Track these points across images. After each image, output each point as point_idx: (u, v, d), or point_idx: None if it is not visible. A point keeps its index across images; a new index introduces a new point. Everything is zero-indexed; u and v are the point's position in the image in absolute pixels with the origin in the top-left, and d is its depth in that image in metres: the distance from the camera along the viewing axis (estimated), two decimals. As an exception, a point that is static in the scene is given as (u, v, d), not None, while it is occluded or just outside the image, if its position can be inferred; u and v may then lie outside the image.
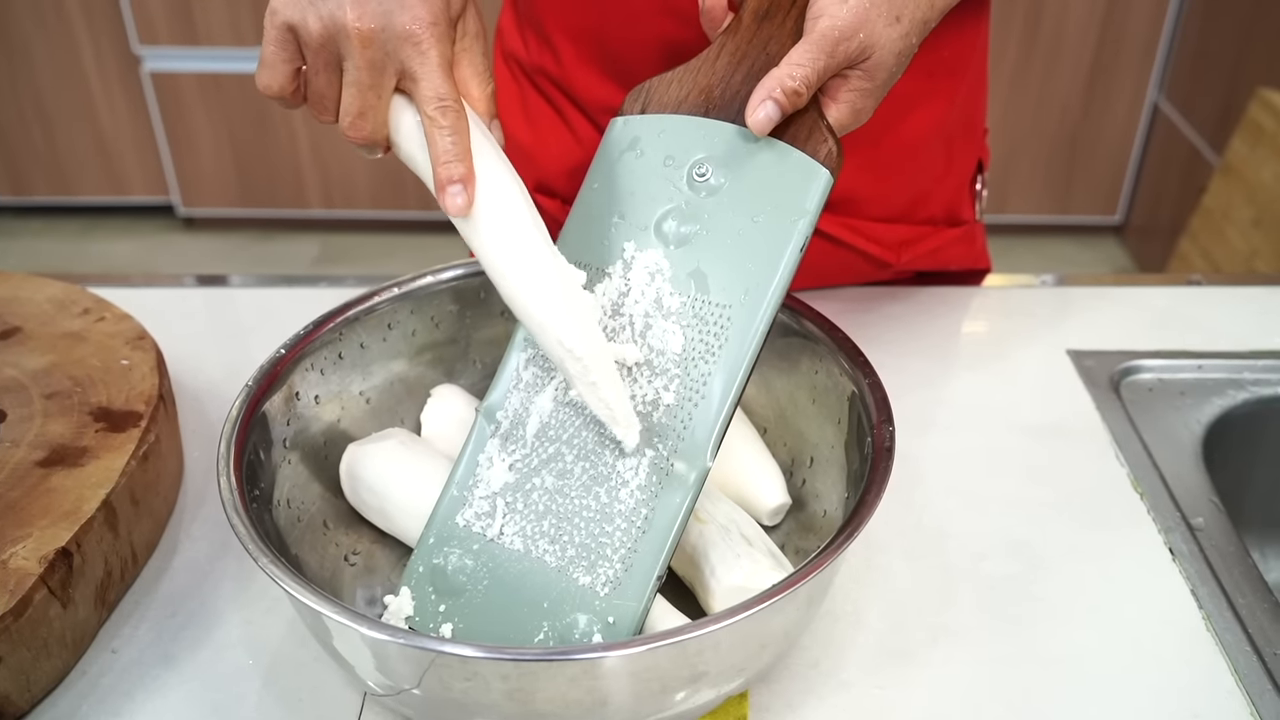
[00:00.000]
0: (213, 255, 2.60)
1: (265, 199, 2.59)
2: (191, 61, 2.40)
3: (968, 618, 0.62)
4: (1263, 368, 0.81)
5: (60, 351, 0.70)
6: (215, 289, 0.93)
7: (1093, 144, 2.48)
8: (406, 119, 0.56)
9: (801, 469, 0.67)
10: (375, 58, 0.53)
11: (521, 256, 0.54)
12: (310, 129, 2.48)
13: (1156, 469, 0.72)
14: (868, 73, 0.56)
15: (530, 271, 0.54)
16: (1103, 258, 2.58)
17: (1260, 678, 0.58)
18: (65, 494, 0.60)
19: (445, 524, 0.59)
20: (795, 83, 0.53)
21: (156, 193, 2.61)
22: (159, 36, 2.37)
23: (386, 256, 2.59)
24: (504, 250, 0.54)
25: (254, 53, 2.37)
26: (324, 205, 2.60)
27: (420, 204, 2.60)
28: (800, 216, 0.55)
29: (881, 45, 0.55)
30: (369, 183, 2.56)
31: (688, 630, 0.47)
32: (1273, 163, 1.80)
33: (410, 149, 0.56)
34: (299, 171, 2.54)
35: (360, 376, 0.68)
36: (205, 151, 2.52)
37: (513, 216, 0.54)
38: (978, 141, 0.86)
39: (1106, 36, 2.36)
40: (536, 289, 0.54)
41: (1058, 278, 0.93)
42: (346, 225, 2.67)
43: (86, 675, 0.59)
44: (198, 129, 2.49)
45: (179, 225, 2.69)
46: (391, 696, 0.53)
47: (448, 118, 0.54)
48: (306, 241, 2.65)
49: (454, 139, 0.54)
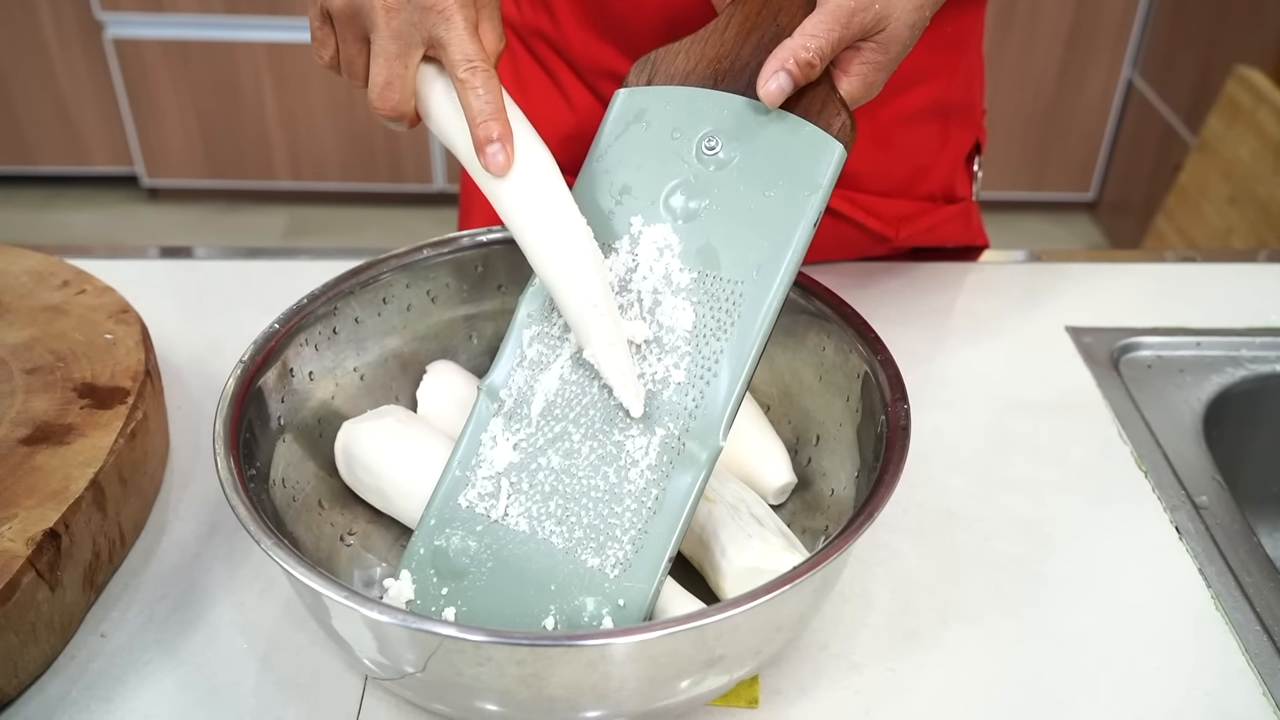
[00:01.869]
0: (178, 227, 2.55)
1: (232, 170, 2.54)
2: (156, 28, 2.34)
3: (977, 598, 0.61)
4: (1260, 345, 0.81)
5: (40, 325, 0.68)
6: (195, 261, 0.90)
7: (1067, 121, 2.48)
8: (436, 88, 0.55)
9: (807, 447, 0.66)
10: (400, 28, 0.52)
11: (555, 215, 0.53)
12: (279, 98, 2.43)
13: (1159, 447, 0.72)
14: (881, 45, 0.54)
15: (564, 230, 0.53)
16: (1076, 234, 2.59)
17: (1271, 656, 0.58)
18: (51, 473, 0.57)
19: (447, 505, 0.57)
20: (809, 54, 0.52)
21: (120, 163, 2.54)
22: (122, 2, 2.30)
23: (356, 229, 2.56)
24: (538, 209, 0.53)
25: (221, 20, 2.34)
26: (292, 177, 2.55)
27: (390, 176, 2.56)
28: (813, 191, 0.54)
29: (896, 17, 0.54)
30: (338, 154, 2.52)
31: (710, 614, 0.45)
32: (1249, 140, 1.81)
33: (441, 116, 0.55)
34: (267, 142, 2.49)
35: (355, 352, 0.66)
36: (170, 121, 2.46)
37: (545, 176, 0.54)
38: (976, 121, 0.85)
39: (1082, 14, 2.35)
40: (570, 248, 0.53)
41: (1030, 253, 0.92)
42: (315, 197, 2.62)
43: (75, 660, 0.57)
44: (162, 98, 2.43)
45: (143, 196, 2.64)
46: (395, 680, 0.52)
47: (479, 78, 0.52)
48: (274, 214, 2.60)
49: (488, 98, 0.53)
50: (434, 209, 2.63)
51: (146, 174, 2.54)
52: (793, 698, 0.56)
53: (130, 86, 2.41)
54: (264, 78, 2.40)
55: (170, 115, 2.45)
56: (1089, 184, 2.58)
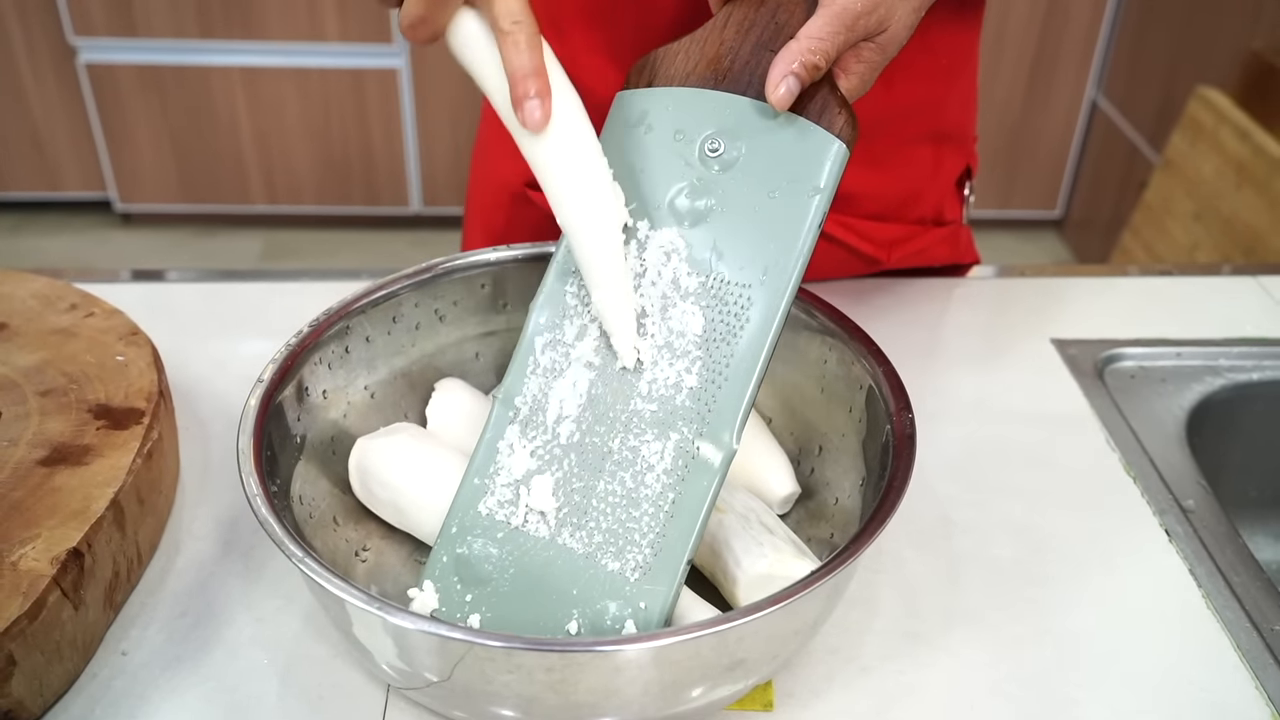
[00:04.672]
0: (152, 251, 2.54)
1: (206, 194, 2.54)
2: (129, 53, 2.34)
3: (978, 601, 0.63)
4: (1237, 354, 0.84)
5: (51, 348, 0.68)
6: (191, 284, 0.91)
7: (1034, 141, 2.54)
8: (475, 34, 0.55)
9: (810, 458, 0.67)
10: None
11: (586, 173, 0.55)
12: (254, 121, 2.43)
13: (1146, 453, 0.74)
14: (881, 46, 0.56)
15: (593, 188, 0.55)
16: (1044, 251, 2.64)
17: (1262, 653, 0.60)
18: (71, 493, 0.58)
19: (467, 513, 0.58)
20: (816, 57, 0.53)
21: (92, 188, 2.54)
22: (95, 27, 2.31)
23: (332, 252, 2.56)
24: (570, 166, 0.55)
25: (195, 44, 2.34)
26: (267, 200, 2.55)
27: (366, 199, 2.57)
28: (817, 191, 0.54)
29: (897, 19, 0.55)
30: (314, 177, 2.52)
31: (736, 617, 0.47)
32: (1212, 158, 1.85)
33: (478, 63, 0.55)
34: (242, 165, 2.49)
35: (365, 370, 0.67)
36: (144, 145, 2.46)
37: (579, 133, 0.55)
38: (967, 147, 0.87)
39: (1046, 37, 2.41)
40: (597, 205, 0.55)
41: (999, 269, 0.95)
42: (291, 221, 2.62)
43: (97, 679, 0.57)
44: (136, 122, 2.43)
45: (116, 221, 2.63)
46: (420, 690, 0.53)
47: (524, 33, 0.53)
48: (250, 237, 2.60)
49: (530, 54, 0.53)
50: (410, 232, 2.64)
51: (120, 199, 2.53)
52: (806, 700, 0.57)
53: (103, 111, 2.41)
54: (238, 101, 2.41)
55: (144, 139, 2.45)
56: (1055, 202, 2.63)
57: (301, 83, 2.39)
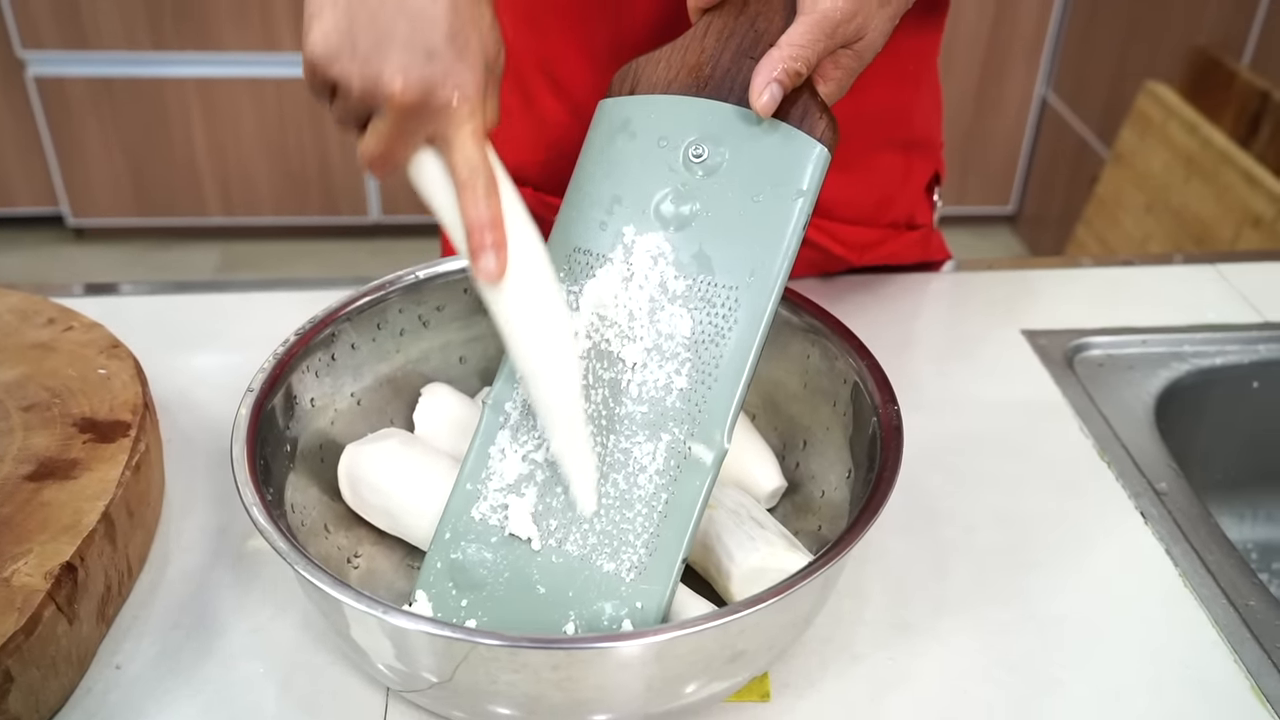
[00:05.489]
0: (107, 266, 2.51)
1: (162, 207, 2.51)
2: (80, 66, 2.31)
3: (964, 588, 0.65)
4: (1200, 340, 0.86)
5: (31, 362, 0.68)
6: (170, 296, 0.90)
7: (986, 138, 2.58)
8: (431, 169, 0.55)
9: (794, 452, 0.68)
10: (410, 126, 0.52)
11: (543, 324, 0.55)
12: (209, 133, 2.41)
13: (1118, 438, 0.76)
14: (858, 53, 0.57)
15: (550, 341, 0.55)
16: (999, 246, 2.68)
17: (1239, 627, 0.62)
18: (61, 507, 0.58)
19: (460, 518, 0.58)
20: (798, 64, 0.54)
21: (44, 203, 2.50)
22: (44, 40, 2.27)
23: (291, 263, 2.54)
24: (526, 317, 0.55)
25: (148, 56, 2.32)
26: (224, 212, 2.53)
27: (324, 209, 2.55)
28: (800, 194, 0.55)
29: (874, 27, 0.56)
30: (271, 188, 2.50)
31: (739, 609, 0.48)
32: (1161, 151, 1.89)
33: (434, 199, 0.55)
34: (197, 178, 2.47)
35: (352, 378, 0.67)
36: (96, 159, 2.43)
37: (536, 283, 0.55)
38: (935, 154, 0.89)
39: (996, 37, 2.45)
40: (557, 357, 0.55)
41: (966, 263, 0.97)
42: (248, 232, 2.60)
43: (92, 693, 0.57)
44: (88, 136, 2.39)
45: (69, 236, 2.59)
46: (421, 692, 0.53)
47: (481, 182, 0.53)
48: (207, 250, 2.57)
49: (488, 204, 0.53)
50: (370, 240, 2.63)
51: (72, 213, 2.50)
52: (802, 690, 0.58)
53: (54, 125, 2.37)
54: (193, 113, 2.39)
55: (96, 153, 2.42)
56: (1009, 198, 2.67)
57: (257, 93, 2.38)
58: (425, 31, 0.51)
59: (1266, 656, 0.61)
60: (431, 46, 0.51)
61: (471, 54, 0.52)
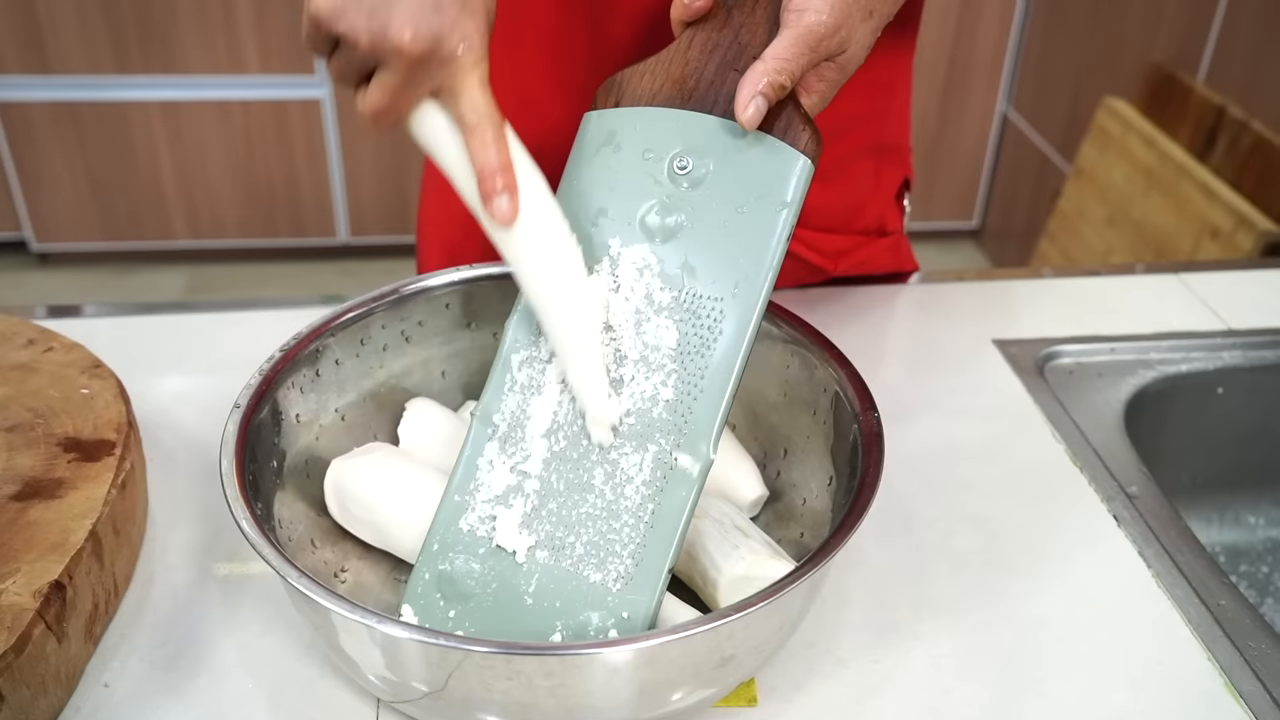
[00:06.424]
0: (71, 291, 2.49)
1: (127, 231, 2.49)
2: (43, 90, 2.30)
3: (943, 591, 0.66)
4: (1166, 348, 0.88)
5: (13, 384, 0.68)
6: (147, 317, 0.90)
7: (949, 154, 2.62)
8: (436, 120, 0.56)
9: (775, 461, 0.69)
10: (417, 77, 0.54)
11: (558, 265, 0.56)
12: (174, 156, 2.40)
13: (1089, 444, 0.78)
14: (841, 66, 0.58)
15: (566, 280, 0.56)
16: (963, 260, 2.71)
17: (1211, 626, 0.64)
18: (48, 526, 0.58)
19: (448, 530, 0.59)
20: (782, 77, 0.55)
21: (7, 228, 2.48)
22: (7, 65, 2.26)
23: (259, 285, 2.53)
24: (540, 258, 0.56)
25: (111, 80, 2.31)
26: (191, 235, 2.51)
27: (292, 230, 2.54)
28: (784, 206, 0.56)
29: (857, 40, 0.57)
30: (238, 210, 2.49)
31: (729, 614, 0.49)
32: (1121, 165, 1.93)
33: (440, 151, 0.57)
34: (163, 201, 2.46)
35: (336, 393, 0.68)
36: (60, 183, 2.41)
37: (549, 224, 0.56)
38: (904, 160, 0.91)
39: (957, 55, 2.49)
40: (574, 294, 0.56)
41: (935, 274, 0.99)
42: (216, 255, 2.59)
43: (81, 712, 0.57)
44: (51, 160, 2.38)
45: (33, 262, 2.57)
46: (412, 702, 0.54)
47: (490, 130, 0.55)
48: (173, 273, 2.56)
49: (497, 149, 0.55)
50: (339, 261, 2.62)
51: (36, 238, 2.48)
52: (788, 695, 0.59)
53: (16, 150, 2.36)
54: (158, 136, 2.38)
55: (60, 178, 2.40)
56: (972, 213, 2.71)
57: (223, 116, 2.37)
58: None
59: (1239, 654, 0.62)
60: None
61: (474, 4, 0.54)
